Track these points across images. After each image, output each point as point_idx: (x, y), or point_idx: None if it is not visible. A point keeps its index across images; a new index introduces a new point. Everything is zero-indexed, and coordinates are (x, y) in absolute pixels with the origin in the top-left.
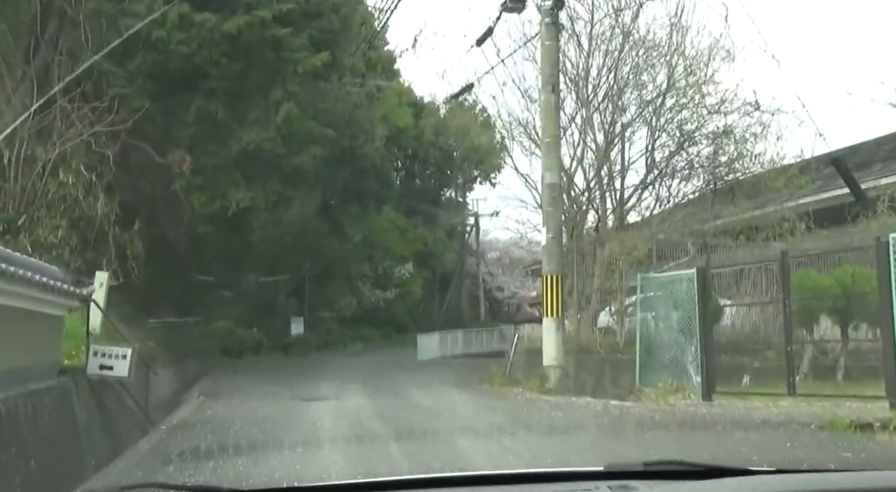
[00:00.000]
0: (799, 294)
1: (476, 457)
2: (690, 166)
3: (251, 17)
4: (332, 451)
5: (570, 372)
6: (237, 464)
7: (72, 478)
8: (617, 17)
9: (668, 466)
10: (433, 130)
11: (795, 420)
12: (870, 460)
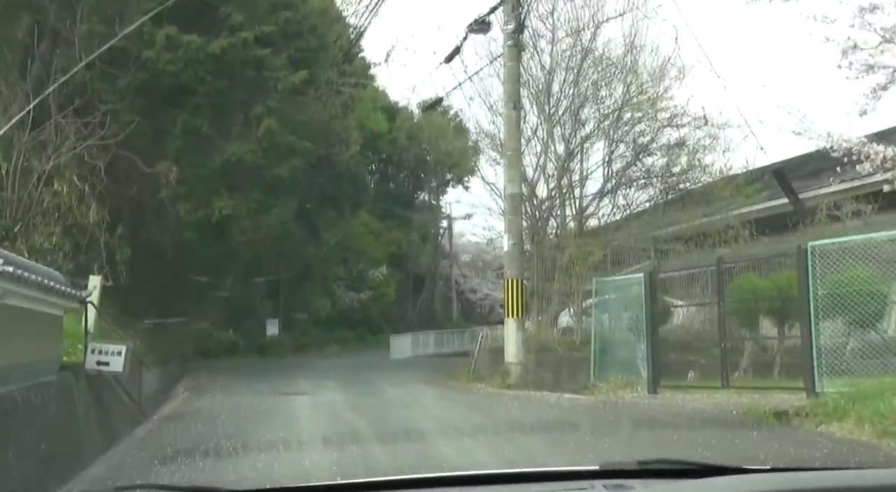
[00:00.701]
0: (740, 296)
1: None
2: (647, 176)
3: (234, 39)
4: (310, 436)
5: (530, 369)
6: (231, 463)
7: (74, 460)
8: (577, 37)
9: (662, 464)
10: (407, 134)
11: (722, 409)
12: (788, 441)
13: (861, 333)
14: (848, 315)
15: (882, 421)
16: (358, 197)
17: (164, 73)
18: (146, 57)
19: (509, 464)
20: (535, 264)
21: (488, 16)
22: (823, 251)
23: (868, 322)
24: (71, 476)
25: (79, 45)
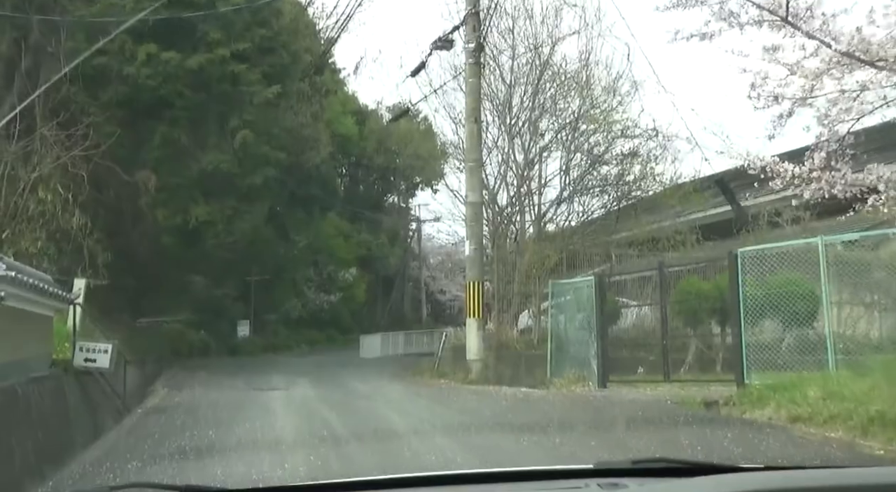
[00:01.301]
0: (685, 297)
1: (399, 426)
2: (602, 184)
3: (211, 55)
4: (285, 425)
5: (490, 365)
6: (223, 463)
7: (67, 447)
8: (535, 53)
9: (656, 463)
10: (376, 138)
11: (659, 400)
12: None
13: (795, 331)
14: (780, 314)
15: (795, 408)
16: (328, 200)
17: (144, 87)
18: (127, 72)
19: (462, 446)
20: (496, 268)
21: (451, 34)
22: (752, 256)
23: (799, 321)
24: (65, 460)
25: (63, 61)
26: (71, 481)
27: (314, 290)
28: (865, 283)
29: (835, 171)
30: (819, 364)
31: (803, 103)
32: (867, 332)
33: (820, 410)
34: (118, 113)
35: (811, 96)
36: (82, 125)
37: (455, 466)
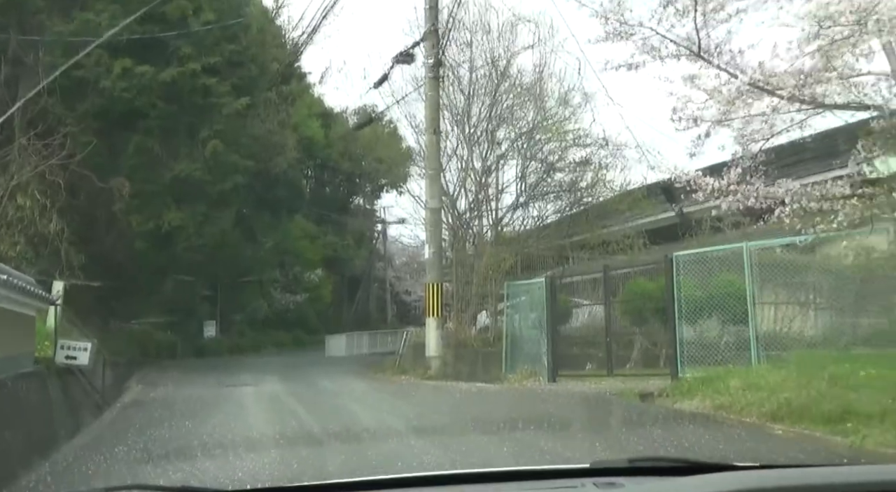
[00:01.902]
0: (631, 297)
1: (361, 416)
2: (556, 190)
3: (183, 69)
4: (256, 417)
5: (448, 362)
6: (218, 463)
7: (53, 437)
8: (492, 66)
9: (652, 462)
10: (342, 140)
11: (601, 392)
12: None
13: (728, 328)
14: (717, 313)
15: (718, 397)
16: (294, 202)
17: (119, 99)
18: (103, 85)
19: (416, 432)
20: (456, 270)
21: (412, 49)
22: (686, 260)
23: (734, 319)
24: (51, 449)
25: (42, 75)
26: (64, 464)
27: (280, 291)
28: (800, 284)
29: (749, 185)
30: (746, 359)
31: (720, 125)
32: (801, 329)
33: (739, 399)
34: (94, 123)
35: (727, 120)
36: (59, 135)
37: (407, 446)
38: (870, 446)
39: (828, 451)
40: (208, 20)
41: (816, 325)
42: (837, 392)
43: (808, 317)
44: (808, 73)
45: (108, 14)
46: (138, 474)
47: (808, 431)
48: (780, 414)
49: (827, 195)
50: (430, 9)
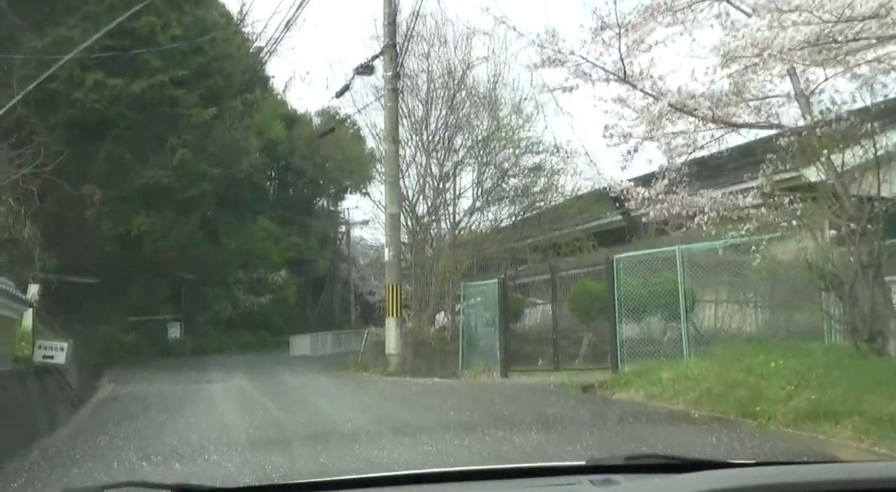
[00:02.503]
0: (579, 296)
1: (323, 407)
2: (514, 194)
3: (153, 81)
4: (226, 409)
5: (407, 360)
6: (213, 462)
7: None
8: (449, 76)
9: (648, 460)
10: (306, 142)
11: (547, 385)
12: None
13: (668, 325)
14: (658, 311)
15: (651, 388)
16: (258, 204)
17: (91, 110)
18: (76, 97)
19: (376, 421)
20: (415, 272)
21: (372, 61)
22: (626, 261)
23: (675, 316)
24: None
25: (16, 88)
26: (54, 450)
27: (244, 292)
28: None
29: (675, 194)
30: (680, 353)
31: (648, 141)
32: (740, 325)
33: (668, 389)
34: (66, 133)
35: (653, 136)
36: (33, 144)
37: (366, 432)
38: (773, 427)
39: (738, 431)
40: (176, 35)
41: (756, 321)
42: (751, 380)
43: (747, 314)
44: (720, 97)
45: (79, 29)
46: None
47: (724, 415)
48: (702, 401)
49: (738, 205)
50: (389, 24)
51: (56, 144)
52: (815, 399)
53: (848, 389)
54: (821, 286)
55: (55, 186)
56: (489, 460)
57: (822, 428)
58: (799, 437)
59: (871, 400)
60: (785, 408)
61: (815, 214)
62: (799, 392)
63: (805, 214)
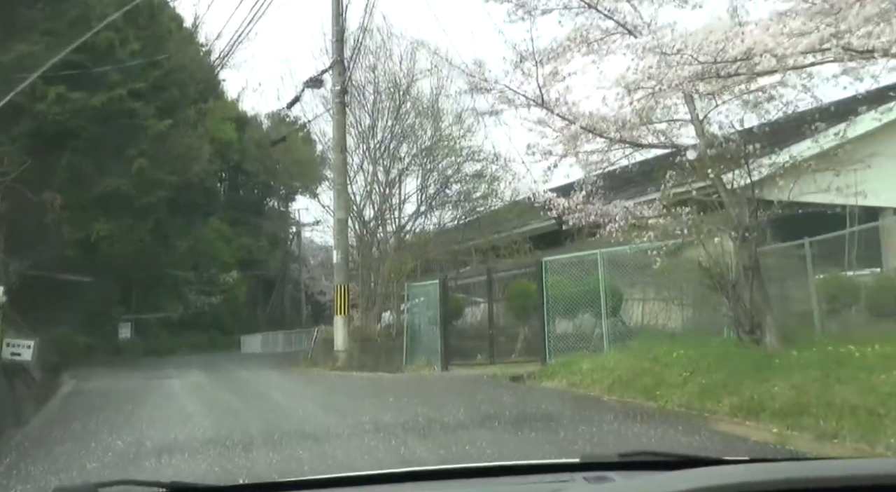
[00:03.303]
0: (515, 295)
1: (276, 397)
2: (457, 199)
3: (112, 94)
4: (186, 400)
5: (355, 355)
6: (181, 441)
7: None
8: (395, 88)
9: (642, 457)
10: (256, 144)
11: (481, 376)
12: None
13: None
14: (590, 308)
15: (572, 377)
16: (208, 205)
17: (52, 121)
18: (38, 109)
19: (324, 408)
20: (362, 273)
21: (321, 75)
22: (554, 263)
23: (597, 314)
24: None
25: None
26: (35, 433)
27: (195, 292)
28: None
29: (591, 205)
30: (601, 346)
31: (567, 157)
32: (665, 321)
33: (587, 377)
34: (28, 143)
35: (570, 154)
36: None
37: (314, 416)
38: (669, 407)
39: (639, 411)
40: (134, 49)
41: (681, 317)
42: (656, 369)
43: (672, 311)
44: (626, 121)
45: (42, 45)
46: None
47: (631, 399)
48: (614, 387)
49: (643, 215)
50: (337, 42)
51: (19, 155)
52: (703, 383)
53: (729, 374)
54: (710, 286)
55: (17, 193)
56: (421, 434)
57: (706, 407)
58: (688, 415)
59: (746, 383)
60: (680, 392)
61: (705, 223)
62: (692, 378)
63: (696, 223)
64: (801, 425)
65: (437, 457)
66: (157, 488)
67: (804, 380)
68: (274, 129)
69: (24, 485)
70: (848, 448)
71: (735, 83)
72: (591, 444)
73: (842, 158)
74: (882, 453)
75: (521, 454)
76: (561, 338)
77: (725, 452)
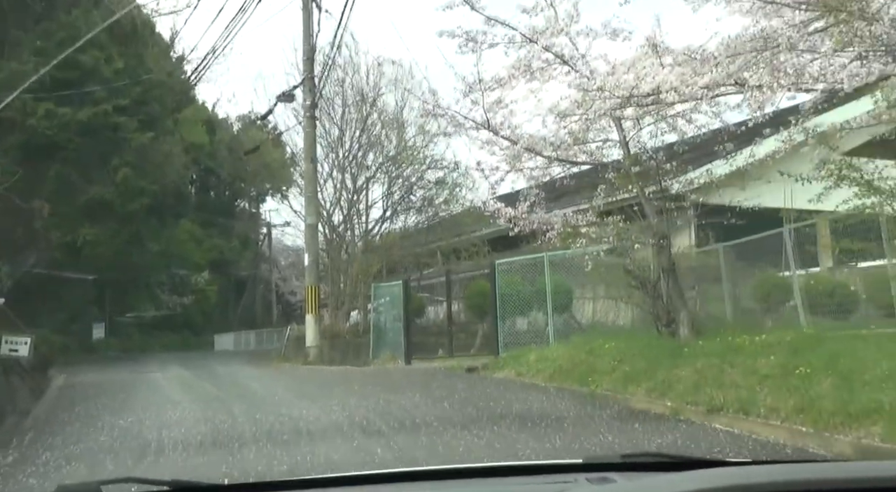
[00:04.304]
0: (474, 295)
1: (253, 387)
2: (420, 204)
3: (98, 109)
4: (173, 391)
5: (325, 351)
6: (174, 420)
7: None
8: (362, 101)
9: (645, 458)
10: (227, 146)
11: (439, 368)
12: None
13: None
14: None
15: (519, 368)
16: (181, 207)
17: (42, 135)
18: (29, 123)
19: (297, 395)
20: (331, 274)
21: (292, 90)
22: (505, 265)
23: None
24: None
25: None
26: (43, 418)
27: (167, 293)
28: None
29: (534, 213)
30: (548, 340)
31: (511, 173)
32: (615, 318)
33: (532, 368)
34: (19, 155)
35: (515, 169)
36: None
37: (289, 401)
38: (599, 391)
39: (572, 395)
40: (118, 68)
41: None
42: (590, 359)
43: (620, 308)
44: (561, 142)
45: (32, 64)
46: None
47: (567, 385)
48: (554, 376)
49: (577, 223)
50: (307, 60)
51: (10, 165)
52: (627, 371)
53: (648, 362)
54: (634, 286)
55: (7, 200)
56: (382, 413)
57: (628, 390)
58: (613, 397)
59: (660, 369)
60: (609, 378)
61: (629, 231)
62: (619, 366)
63: (620, 231)
64: (696, 401)
65: (393, 429)
66: (159, 487)
67: (704, 365)
68: (244, 131)
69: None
70: (730, 417)
71: (654, 110)
72: (528, 419)
73: (751, 173)
74: (754, 420)
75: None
76: (514, 334)
77: (620, 419)
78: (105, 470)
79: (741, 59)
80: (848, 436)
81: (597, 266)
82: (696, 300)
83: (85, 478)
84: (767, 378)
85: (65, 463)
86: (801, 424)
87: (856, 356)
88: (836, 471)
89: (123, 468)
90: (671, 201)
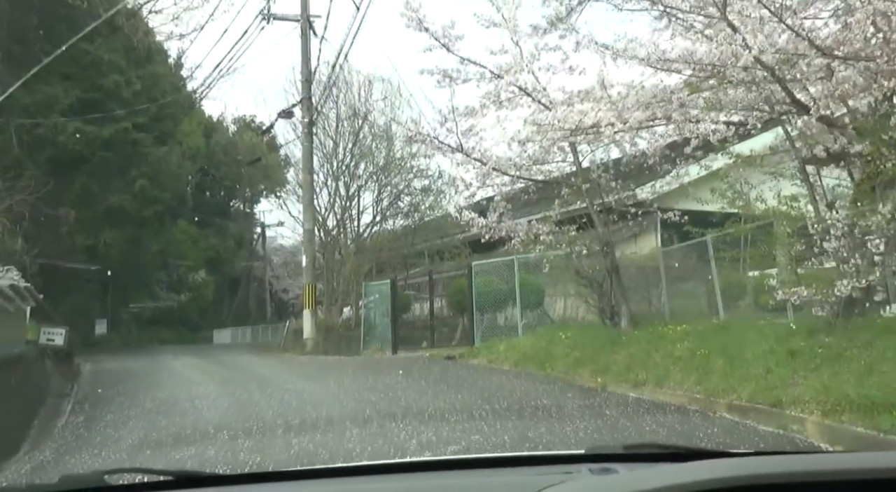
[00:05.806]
0: (455, 293)
1: (261, 371)
2: (407, 210)
3: (118, 126)
4: (192, 373)
5: (320, 343)
6: (199, 393)
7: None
8: (354, 115)
9: (647, 449)
10: (223, 148)
11: (421, 357)
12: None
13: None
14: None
15: (491, 356)
16: (178, 208)
17: (70, 150)
18: (59, 140)
19: (299, 377)
20: (326, 274)
21: (291, 108)
22: (480, 267)
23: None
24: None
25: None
26: (83, 395)
27: (166, 290)
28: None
29: (503, 222)
30: (517, 333)
31: (482, 188)
32: (585, 314)
33: (501, 356)
34: (49, 167)
35: (485, 185)
36: (24, 177)
37: (292, 381)
38: (553, 375)
39: (530, 377)
40: (136, 90)
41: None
42: (549, 347)
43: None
44: (522, 164)
45: (62, 87)
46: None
47: (528, 370)
48: (519, 362)
49: (538, 231)
50: (305, 82)
51: (42, 177)
52: (577, 356)
53: (594, 349)
54: (584, 285)
55: (38, 208)
56: (371, 389)
57: (576, 372)
58: (563, 378)
59: (602, 355)
60: (563, 362)
61: (580, 238)
62: (571, 353)
63: (571, 239)
64: (625, 380)
65: (380, 398)
66: (163, 477)
67: (636, 350)
68: (239, 134)
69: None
70: (650, 391)
71: (596, 139)
72: (486, 392)
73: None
74: (665, 390)
75: (437, 400)
76: (490, 327)
77: (562, 392)
78: (159, 424)
79: (653, 107)
80: (726, 399)
81: (557, 267)
82: (646, 297)
83: (152, 429)
84: (680, 359)
85: (126, 420)
86: (697, 393)
87: (744, 340)
88: (839, 461)
89: (173, 423)
90: (635, 207)
